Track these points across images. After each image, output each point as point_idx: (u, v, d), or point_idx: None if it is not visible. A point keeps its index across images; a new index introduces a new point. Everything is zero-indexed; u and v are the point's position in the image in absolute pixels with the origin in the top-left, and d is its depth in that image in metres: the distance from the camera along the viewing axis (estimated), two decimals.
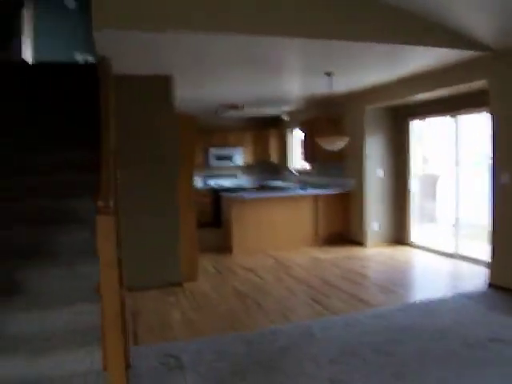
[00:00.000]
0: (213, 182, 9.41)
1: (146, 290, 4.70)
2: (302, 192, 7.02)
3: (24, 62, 5.13)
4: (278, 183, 9.12)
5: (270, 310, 4.15)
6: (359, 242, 6.85)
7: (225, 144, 9.28)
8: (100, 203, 2.17)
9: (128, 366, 2.31)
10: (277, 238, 6.76)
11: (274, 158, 9.41)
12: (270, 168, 9.90)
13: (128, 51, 3.82)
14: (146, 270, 4.75)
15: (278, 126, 9.44)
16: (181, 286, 4.92)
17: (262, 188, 9.06)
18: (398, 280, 4.97)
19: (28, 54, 5.36)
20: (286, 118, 8.59)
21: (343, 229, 7.17)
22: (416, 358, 3.00)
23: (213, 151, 9.12)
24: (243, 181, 9.79)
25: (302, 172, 8.76)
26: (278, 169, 9.74)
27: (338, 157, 7.12)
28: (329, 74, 5.06)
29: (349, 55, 4.31)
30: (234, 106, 7.52)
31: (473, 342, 3.18)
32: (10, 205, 2.92)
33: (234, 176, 9.67)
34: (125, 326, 2.46)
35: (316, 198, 7.00)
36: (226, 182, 9.46)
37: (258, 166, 9.87)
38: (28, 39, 5.37)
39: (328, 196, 7.05)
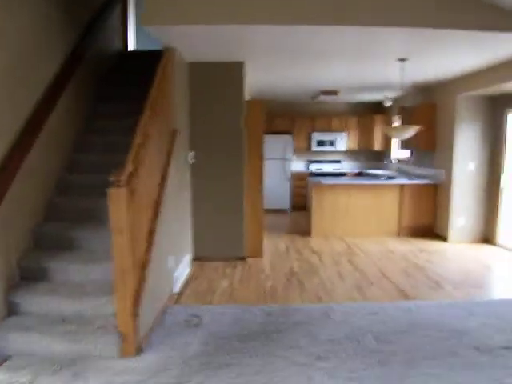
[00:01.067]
0: (314, 167, 9.71)
1: (213, 261, 5.42)
2: (386, 181, 6.91)
3: (126, 50, 6.30)
4: (378, 171, 8.99)
5: (309, 289, 4.48)
6: (443, 237, 6.54)
7: (328, 129, 9.45)
8: (113, 177, 2.82)
9: (136, 314, 2.97)
10: (357, 225, 6.88)
11: (377, 145, 9.25)
12: (372, 155, 9.77)
13: (198, 42, 4.34)
14: (215, 244, 5.49)
15: (383, 112, 9.22)
16: (244, 260, 5.53)
17: (360, 175, 9.05)
18: (458, 278, 4.75)
19: (131, 43, 6.47)
20: (388, 103, 8.38)
21: (429, 221, 6.91)
22: (411, 351, 3.06)
23: (315, 136, 9.37)
24: (345, 167, 9.86)
25: (401, 161, 8.51)
26: (381, 156, 9.55)
27: (431, 146, 6.83)
28: (402, 60, 4.97)
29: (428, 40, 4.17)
30: (329, 92, 7.69)
31: (484, 347, 3.09)
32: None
33: (338, 162, 9.80)
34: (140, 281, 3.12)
35: (402, 187, 6.84)
36: (327, 167, 9.67)
37: (361, 153, 9.83)
38: (132, 29, 6.48)
39: (415, 186, 6.83)
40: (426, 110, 6.88)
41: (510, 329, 3.41)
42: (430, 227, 6.91)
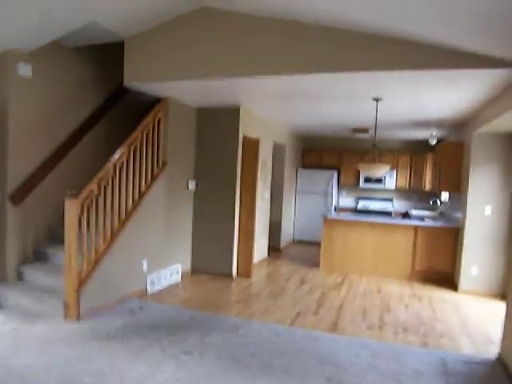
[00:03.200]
0: (362, 204, 9.61)
1: (207, 274, 6.03)
2: (399, 221, 6.67)
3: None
4: (423, 212, 8.54)
5: (253, 306, 4.73)
6: (455, 285, 6.06)
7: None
8: (69, 192, 3.92)
9: (79, 291, 3.98)
10: (365, 264, 6.75)
11: (427, 184, 8.80)
12: (425, 195, 9.27)
13: (185, 93, 5.21)
14: (209, 260, 6.12)
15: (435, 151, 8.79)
16: (231, 277, 5.96)
17: (404, 215, 8.70)
18: (425, 327, 4.47)
19: None
20: (433, 141, 8.02)
21: (446, 268, 6.41)
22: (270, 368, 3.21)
23: (363, 172, 9.31)
24: (396, 206, 9.53)
25: (444, 203, 8.02)
26: (428, 197, 9.02)
27: (457, 188, 6.46)
28: (377, 100, 5.06)
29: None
30: (360, 130, 7.77)
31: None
32: None
33: (389, 200, 9.54)
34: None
35: (416, 229, 6.54)
36: (377, 205, 9.47)
37: (412, 192, 9.42)
38: None
39: (431, 229, 6.46)
40: (452, 149, 6.53)
41: (392, 374, 3.27)
42: (448, 275, 6.41)
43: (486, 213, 5.76)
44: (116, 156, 4.47)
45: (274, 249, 8.34)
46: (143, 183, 4.97)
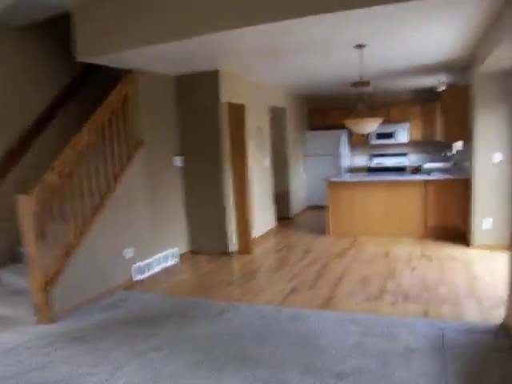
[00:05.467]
0: (376, 161, 9.13)
1: (204, 255, 5.86)
2: (407, 177, 6.24)
3: None
4: (438, 165, 8.00)
5: (247, 287, 4.55)
6: (468, 241, 5.66)
7: (387, 120, 8.75)
8: (21, 186, 3.69)
9: (49, 292, 3.78)
10: (376, 225, 6.42)
11: (440, 135, 8.19)
12: (439, 146, 8.67)
13: (152, 61, 4.79)
14: (205, 239, 5.92)
15: None
16: (228, 255, 5.79)
17: (415, 170, 8.19)
18: (428, 293, 4.17)
19: None
20: (441, 88, 7.38)
21: (459, 223, 5.98)
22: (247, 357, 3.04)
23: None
24: (412, 160, 9.00)
25: (458, 153, 7.45)
26: (444, 148, 8.42)
27: (465, 136, 5.95)
28: (360, 46, 4.59)
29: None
30: (360, 83, 7.23)
31: (315, 369, 2.87)
32: None
33: (404, 155, 9.01)
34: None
35: (425, 184, 6.11)
36: (391, 161, 8.98)
37: (427, 144, 8.83)
38: None
39: (441, 182, 6.01)
40: (457, 94, 5.97)
41: (378, 355, 3.02)
42: (461, 230, 5.99)
43: (494, 160, 5.25)
44: (76, 141, 4.16)
45: (284, 218, 8.09)
46: (116, 166, 4.70)
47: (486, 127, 5.22)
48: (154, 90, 5.34)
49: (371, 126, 4.89)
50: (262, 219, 6.79)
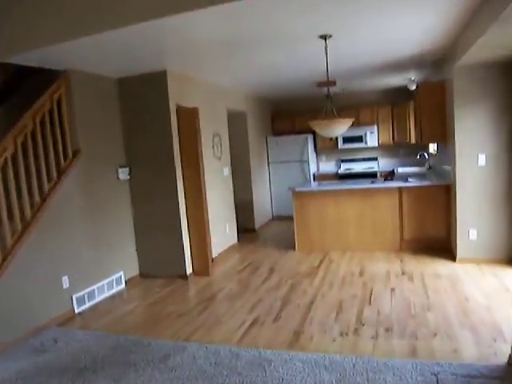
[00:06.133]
0: (344, 167, 8.56)
1: (158, 278, 5.09)
2: (380, 184, 5.63)
3: None
4: (412, 169, 7.51)
5: (199, 322, 3.78)
6: (453, 253, 5.10)
7: (355, 123, 8.19)
8: None
9: None
10: (348, 238, 5.77)
11: (412, 137, 7.71)
12: (411, 150, 8.20)
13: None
14: (158, 261, 5.15)
15: None
16: (184, 278, 5.00)
17: (389, 175, 7.64)
18: (410, 323, 3.54)
19: None
20: (413, 87, 6.90)
21: (441, 234, 5.42)
22: None
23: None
24: (381, 164, 8.48)
25: (432, 155, 6.97)
26: (416, 151, 7.94)
27: (442, 137, 5.41)
28: (325, 38, 3.95)
29: None
30: (326, 83, 6.63)
31: None
32: None
33: (374, 159, 8.47)
34: None
35: (400, 191, 5.52)
36: (360, 166, 8.43)
37: (396, 148, 8.34)
38: None
39: (416, 189, 5.43)
40: (432, 90, 5.43)
41: None
42: (443, 241, 5.43)
43: (479, 163, 4.71)
44: None
45: (247, 231, 7.37)
46: (45, 181, 3.93)
47: (469, 126, 4.69)
48: (94, 93, 4.61)
49: (341, 127, 4.25)
50: (223, 234, 6.05)
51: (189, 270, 5.09)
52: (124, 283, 4.87)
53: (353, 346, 3.11)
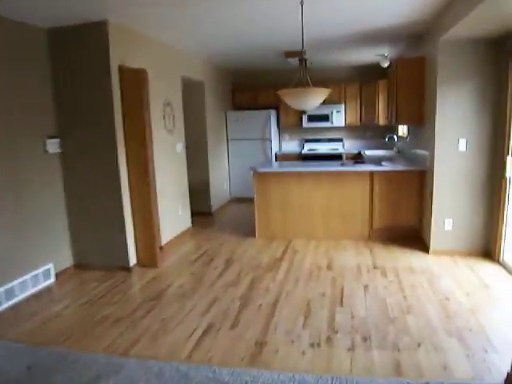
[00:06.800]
0: (308, 147, 8.03)
1: (96, 270, 4.35)
2: (350, 167, 5.13)
3: None
4: (379, 152, 7.09)
5: (160, 326, 3.14)
6: (425, 244, 4.70)
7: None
8: None
9: None
10: (312, 225, 5.28)
11: (382, 118, 7.28)
12: (380, 131, 7.79)
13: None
14: (97, 250, 4.41)
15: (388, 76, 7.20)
16: (128, 270, 4.31)
17: (356, 158, 7.22)
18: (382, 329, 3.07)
19: None
20: (385, 64, 6.40)
21: (414, 222, 5.03)
22: None
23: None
24: (346, 146, 8.03)
25: (401, 138, 6.57)
26: (386, 133, 7.54)
27: (416, 119, 4.95)
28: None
29: None
30: (294, 54, 6.00)
31: None
32: None
33: (339, 140, 7.99)
34: None
35: (372, 176, 5.04)
36: (325, 147, 7.93)
37: (365, 129, 7.90)
38: None
39: (389, 174, 4.98)
40: (410, 66, 4.93)
41: None
42: (414, 230, 5.05)
43: (459, 148, 4.29)
44: None
45: (202, 214, 6.72)
46: None
47: (451, 107, 4.25)
48: (16, 45, 3.68)
49: (316, 98, 3.68)
50: (175, 218, 5.37)
51: (133, 261, 4.40)
52: (54, 277, 4.12)
53: (327, 361, 2.59)
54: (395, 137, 6.60)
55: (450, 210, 4.41)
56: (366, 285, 3.78)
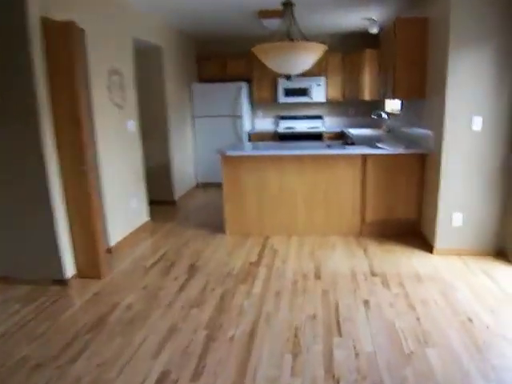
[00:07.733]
0: (284, 125, 7.14)
1: (15, 285, 3.34)
2: (339, 150, 4.29)
3: None
4: (365, 131, 6.30)
5: (95, 377, 2.25)
6: (430, 243, 3.95)
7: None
8: None
9: None
10: (293, 219, 4.44)
11: (368, 92, 6.45)
12: (364, 107, 6.99)
13: None
14: (20, 260, 3.41)
15: (377, 45, 6.32)
16: (64, 284, 3.36)
17: (341, 137, 6.40)
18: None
19: None
20: (374, 30, 5.54)
21: (412, 215, 4.28)
22: None
23: (282, 82, 6.73)
24: (327, 124, 7.20)
25: (392, 116, 5.77)
26: (373, 109, 6.73)
27: (417, 91, 4.14)
28: None
29: None
30: (270, 13, 5.04)
31: None
32: None
33: (319, 117, 7.13)
34: None
35: (364, 160, 4.23)
36: (303, 125, 7.06)
37: (348, 105, 7.07)
38: None
39: (385, 158, 4.17)
40: (410, 29, 4.08)
41: None
42: (411, 224, 4.30)
43: (473, 127, 3.51)
44: None
45: (164, 203, 5.79)
46: None
47: (464, 78, 3.45)
48: None
49: (307, 56, 2.80)
50: (127, 212, 4.43)
51: (70, 271, 3.47)
52: None
53: None
54: (384, 114, 5.79)
55: (460, 202, 3.66)
56: (366, 300, 3.00)
